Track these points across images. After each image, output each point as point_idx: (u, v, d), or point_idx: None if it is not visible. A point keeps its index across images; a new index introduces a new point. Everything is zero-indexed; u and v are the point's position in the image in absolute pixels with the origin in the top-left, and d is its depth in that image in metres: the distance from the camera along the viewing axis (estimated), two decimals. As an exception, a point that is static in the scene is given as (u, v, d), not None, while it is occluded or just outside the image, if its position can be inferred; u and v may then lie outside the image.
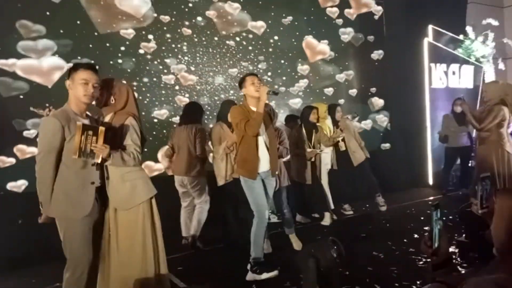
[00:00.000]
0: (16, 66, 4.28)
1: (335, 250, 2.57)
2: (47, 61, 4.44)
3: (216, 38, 5.56)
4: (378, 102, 6.97)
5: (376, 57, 6.95)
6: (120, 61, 4.90)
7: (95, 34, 4.76)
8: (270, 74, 5.99)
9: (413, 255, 3.60)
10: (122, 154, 2.55)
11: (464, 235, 3.55)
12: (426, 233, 1.52)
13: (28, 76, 4.35)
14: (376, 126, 6.97)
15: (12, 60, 4.27)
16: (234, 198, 3.95)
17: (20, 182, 4.25)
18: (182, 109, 4.57)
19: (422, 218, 4.93)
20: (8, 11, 4.30)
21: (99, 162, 2.48)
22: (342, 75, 6.66)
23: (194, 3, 5.37)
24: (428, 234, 1.51)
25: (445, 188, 6.34)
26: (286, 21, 6.15)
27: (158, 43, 5.14)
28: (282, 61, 6.11)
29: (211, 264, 3.85)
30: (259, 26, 5.90)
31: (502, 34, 8.04)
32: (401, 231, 4.41)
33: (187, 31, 5.35)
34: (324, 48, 6.50)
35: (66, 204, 2.44)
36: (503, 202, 1.28)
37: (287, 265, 3.41)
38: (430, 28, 7.06)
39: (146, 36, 5.06)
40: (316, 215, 5.22)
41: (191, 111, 4.32)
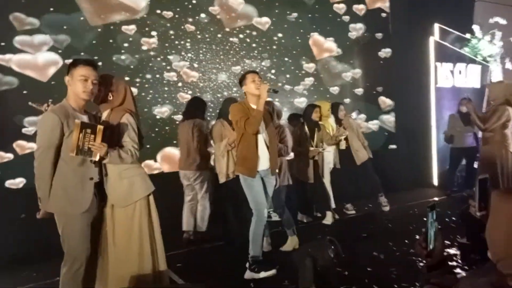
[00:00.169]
0: (11, 61, 4.26)
1: (333, 250, 2.56)
2: (43, 56, 4.42)
3: (219, 35, 5.54)
4: (386, 102, 6.92)
5: (383, 55, 6.88)
6: (123, 57, 4.91)
7: (98, 30, 4.77)
8: (273, 71, 5.97)
9: (413, 256, 3.56)
10: (119, 152, 2.55)
11: (466, 237, 3.50)
12: (422, 235, 1.50)
13: (23, 71, 4.33)
14: (383, 126, 6.92)
15: (9, 55, 4.26)
16: (235, 196, 3.92)
17: (18, 179, 4.25)
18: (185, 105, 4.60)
19: (425, 219, 4.87)
20: (4, 5, 4.27)
21: (97, 160, 2.48)
22: (349, 74, 6.61)
23: (197, 0, 5.36)
24: (423, 235, 1.49)
25: (449, 188, 6.27)
26: (291, 18, 6.12)
27: (161, 40, 5.14)
28: (286, 58, 6.07)
29: (211, 261, 3.84)
30: (264, 22, 5.88)
31: (509, 33, 7.90)
32: (403, 232, 4.37)
33: (191, 28, 5.33)
34: (331, 45, 6.47)
35: (64, 199, 2.44)
36: (498, 204, 1.22)
37: (286, 263, 3.39)
38: (436, 26, 6.98)
39: (149, 32, 5.06)
40: (318, 214, 5.19)
41: (192, 107, 4.38)
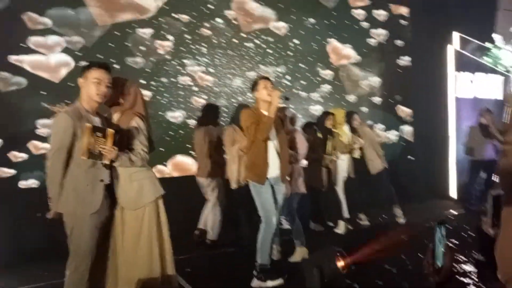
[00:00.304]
0: (24, 61, 4.31)
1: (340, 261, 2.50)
2: (55, 57, 4.47)
3: (235, 40, 5.55)
4: (405, 111, 6.80)
5: (402, 63, 6.78)
6: (139, 60, 4.95)
7: (115, 32, 4.83)
8: (289, 77, 5.94)
9: (426, 271, 3.45)
10: (130, 155, 2.56)
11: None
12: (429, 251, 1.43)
13: (35, 71, 4.36)
14: (401, 136, 6.80)
15: (22, 56, 4.30)
16: (247, 202, 3.89)
17: (32, 179, 4.30)
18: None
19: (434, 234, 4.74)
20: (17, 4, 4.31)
21: (107, 164, 2.49)
22: (366, 82, 6.53)
23: (214, 4, 5.38)
24: (430, 252, 1.43)
25: (468, 202, 6.09)
26: (308, 23, 6.09)
27: (177, 43, 5.17)
28: (302, 65, 6.04)
29: (220, 267, 3.81)
30: (281, 26, 5.87)
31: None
32: (417, 245, 4.23)
33: (207, 32, 5.35)
34: (349, 52, 6.40)
35: (75, 200, 2.44)
36: (509, 222, 1.14)
37: (295, 273, 3.33)
38: (456, 35, 6.84)
39: (165, 36, 5.09)
40: (330, 224, 5.10)
41: (206, 113, 4.40)
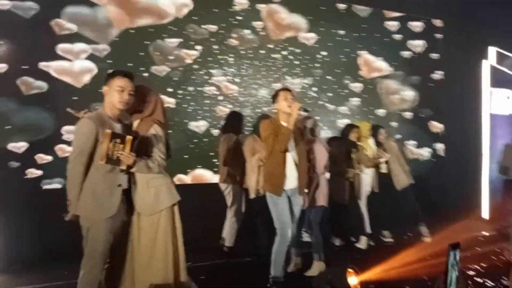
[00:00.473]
0: (51, 67, 4.48)
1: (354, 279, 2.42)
2: (79, 63, 4.61)
3: (262, 51, 5.58)
4: (437, 127, 6.61)
5: (435, 77, 6.61)
6: (165, 69, 5.06)
7: (144, 42, 4.97)
8: (315, 89, 5.90)
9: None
10: (147, 161, 2.60)
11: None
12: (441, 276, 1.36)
13: (60, 76, 4.51)
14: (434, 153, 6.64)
15: (50, 62, 4.47)
16: (265, 212, 3.86)
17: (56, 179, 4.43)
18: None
19: (468, 254, 4.52)
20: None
21: (125, 169, 2.54)
22: (397, 96, 6.39)
23: (242, 15, 5.44)
24: (443, 277, 1.36)
25: (500, 224, 5.79)
26: (337, 35, 6.04)
27: (204, 53, 5.25)
28: (329, 77, 5.99)
29: (236, 276, 3.79)
30: (309, 37, 5.87)
31: None
32: (441, 266, 4.06)
33: (234, 42, 5.41)
34: (381, 64, 6.31)
35: (93, 204, 2.50)
36: None
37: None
38: (492, 50, 6.58)
39: (193, 46, 5.19)
40: (352, 239, 4.98)
41: (227, 121, 4.47)
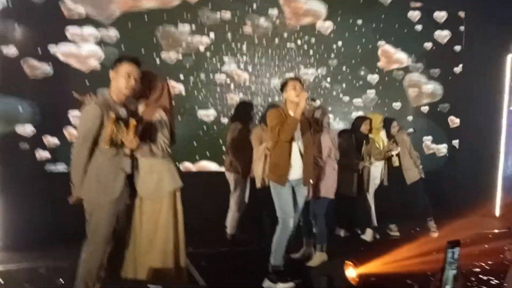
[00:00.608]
0: (58, 50, 4.46)
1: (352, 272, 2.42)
2: (86, 48, 4.58)
3: (277, 40, 5.53)
4: (455, 122, 6.49)
5: (458, 71, 6.47)
6: (177, 55, 5.05)
7: (158, 26, 4.94)
8: (329, 80, 5.83)
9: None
10: (151, 146, 2.62)
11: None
12: (432, 277, 1.34)
13: (67, 60, 4.50)
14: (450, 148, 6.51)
15: (59, 45, 4.45)
16: (271, 202, 3.87)
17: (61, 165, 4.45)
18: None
19: (476, 252, 4.45)
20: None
21: (128, 153, 2.57)
22: (414, 89, 6.27)
23: (258, 4, 5.37)
24: (439, 275, 1.34)
25: (511, 221, 5.67)
26: (354, 25, 5.93)
27: (218, 41, 5.22)
28: (344, 68, 5.90)
29: (237, 264, 3.83)
30: (326, 26, 5.77)
31: None
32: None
33: (248, 30, 5.37)
34: (401, 56, 6.18)
35: (96, 187, 2.54)
36: None
37: (310, 278, 3.28)
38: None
39: (207, 33, 5.17)
40: (358, 231, 4.97)
41: (236, 110, 4.51)
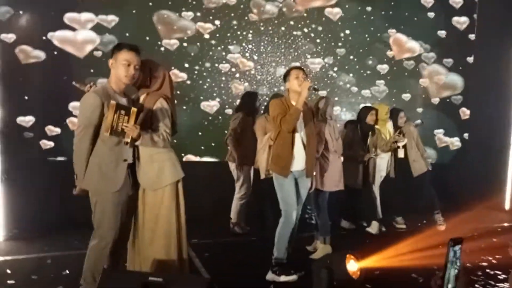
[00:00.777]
0: (54, 36, 4.48)
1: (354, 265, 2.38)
2: (82, 33, 4.57)
3: (283, 28, 5.44)
4: (466, 113, 6.39)
5: (471, 60, 6.33)
6: (185, 44, 5.02)
7: (162, 14, 4.91)
8: (336, 69, 5.74)
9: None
10: (152, 135, 2.58)
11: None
12: (438, 271, 1.29)
13: (63, 46, 4.51)
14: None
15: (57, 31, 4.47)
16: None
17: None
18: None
19: (483, 245, 4.38)
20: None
21: (129, 142, 2.54)
22: (425, 80, 6.15)
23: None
24: (441, 273, 1.28)
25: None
26: (362, 12, 5.80)
27: (224, 29, 5.16)
28: (352, 57, 5.80)
29: (240, 255, 3.82)
30: (335, 12, 5.66)
31: None
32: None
33: (254, 17, 5.28)
34: (414, 45, 6.06)
35: (99, 178, 2.52)
36: None
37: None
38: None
39: (212, 21, 5.10)
40: (363, 223, 4.92)
41: (241, 100, 4.47)
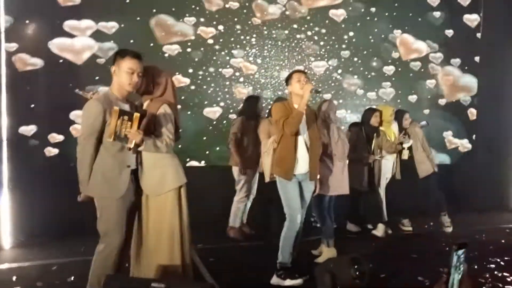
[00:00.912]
0: (53, 43, 4.49)
1: (356, 269, 2.36)
2: (80, 40, 4.59)
3: (286, 32, 5.45)
4: (472, 113, 6.32)
5: (478, 59, 6.28)
6: (189, 50, 5.05)
7: (168, 22, 4.95)
8: (340, 71, 5.73)
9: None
10: (155, 140, 2.59)
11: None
12: (443, 274, 1.28)
13: (61, 53, 4.54)
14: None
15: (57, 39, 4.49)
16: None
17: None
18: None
19: (491, 247, 4.33)
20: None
21: (132, 147, 2.55)
22: (432, 81, 6.12)
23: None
24: (445, 277, 1.27)
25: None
26: (366, 14, 5.79)
27: (227, 33, 5.18)
28: (356, 59, 5.79)
29: (245, 259, 3.81)
30: (339, 14, 5.66)
31: None
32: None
33: (257, 21, 5.30)
34: (421, 46, 6.03)
35: (102, 184, 2.53)
36: None
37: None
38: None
39: (216, 26, 5.13)
40: (369, 226, 4.89)
41: (244, 104, 4.49)
